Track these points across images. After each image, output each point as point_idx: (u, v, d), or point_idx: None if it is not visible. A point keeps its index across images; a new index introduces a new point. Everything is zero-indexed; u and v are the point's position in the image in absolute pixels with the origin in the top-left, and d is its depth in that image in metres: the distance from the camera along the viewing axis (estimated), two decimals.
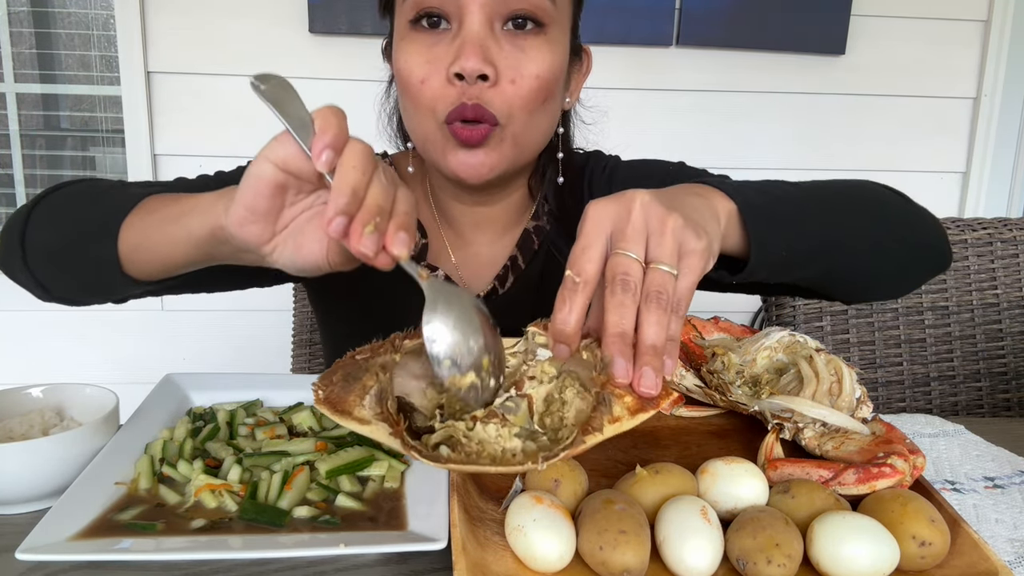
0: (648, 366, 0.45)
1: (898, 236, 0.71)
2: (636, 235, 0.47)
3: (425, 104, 0.71)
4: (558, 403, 0.51)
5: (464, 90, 0.68)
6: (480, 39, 0.67)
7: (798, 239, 0.62)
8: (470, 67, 0.66)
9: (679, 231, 0.48)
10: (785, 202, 0.63)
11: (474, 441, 0.48)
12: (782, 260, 0.61)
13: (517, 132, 0.72)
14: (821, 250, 0.65)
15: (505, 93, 0.69)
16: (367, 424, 0.46)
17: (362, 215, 0.45)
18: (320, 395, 0.48)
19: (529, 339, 0.55)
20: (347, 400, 0.47)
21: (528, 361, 0.54)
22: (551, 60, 0.71)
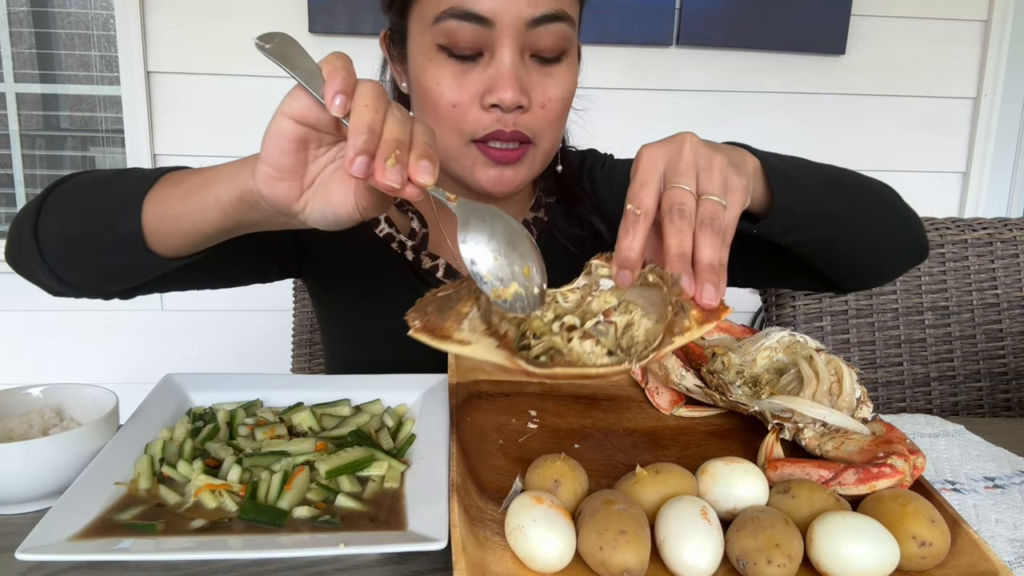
0: (708, 282, 0.50)
1: (890, 223, 0.78)
2: (688, 170, 0.52)
3: (453, 125, 0.74)
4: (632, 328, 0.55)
5: (500, 118, 0.72)
6: (515, 71, 0.71)
7: (808, 201, 0.67)
8: (508, 99, 0.70)
9: (724, 168, 0.53)
10: (800, 169, 0.69)
11: (572, 354, 0.52)
12: (794, 216, 0.66)
13: (547, 148, 0.78)
14: (826, 217, 0.70)
15: (536, 117, 0.74)
16: (468, 344, 0.49)
17: (383, 150, 0.47)
18: (418, 324, 0.50)
19: (592, 271, 0.58)
20: (445, 326, 0.50)
21: (592, 292, 0.57)
22: (572, 81, 0.77)
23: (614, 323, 0.54)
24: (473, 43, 0.71)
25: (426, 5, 0.73)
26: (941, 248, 1.15)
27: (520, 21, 0.70)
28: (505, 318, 0.54)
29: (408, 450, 0.65)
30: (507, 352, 0.48)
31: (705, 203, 0.52)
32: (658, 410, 0.73)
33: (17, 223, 0.69)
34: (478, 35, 0.70)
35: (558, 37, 0.72)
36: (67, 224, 0.66)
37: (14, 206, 2.15)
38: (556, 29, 0.72)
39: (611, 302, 0.56)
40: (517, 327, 0.55)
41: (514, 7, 0.69)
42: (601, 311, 0.55)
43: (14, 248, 0.69)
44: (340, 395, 0.74)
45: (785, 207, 0.65)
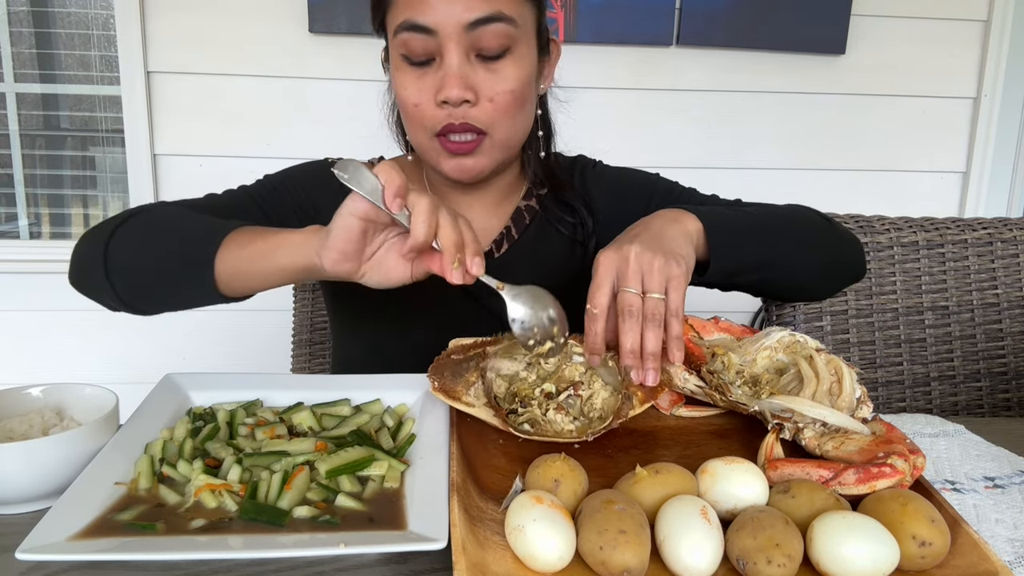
0: (651, 368, 0.66)
1: (821, 255, 0.91)
2: (634, 275, 0.66)
3: (418, 123, 0.85)
4: (593, 398, 0.71)
5: (451, 112, 0.82)
6: (459, 71, 0.80)
7: (746, 254, 0.82)
8: (454, 96, 0.80)
9: (663, 267, 0.67)
10: (737, 224, 0.82)
11: (546, 422, 0.68)
12: (733, 268, 0.81)
13: (502, 137, 0.85)
14: (761, 264, 0.84)
15: (486, 110, 0.82)
16: (473, 407, 0.67)
17: (447, 256, 0.62)
18: (436, 384, 0.69)
19: (567, 347, 0.74)
20: (456, 389, 0.69)
21: (566, 363, 0.74)
22: (520, 73, 0.83)
23: (580, 396, 0.70)
24: (424, 50, 0.81)
25: (391, 20, 0.83)
26: (941, 248, 1.15)
27: (459, 26, 0.78)
28: (501, 385, 0.73)
29: (408, 450, 0.65)
30: (501, 420, 0.66)
31: (648, 301, 0.66)
32: (658, 410, 0.73)
33: (85, 249, 0.78)
34: (427, 43, 0.80)
35: (498, 36, 0.80)
36: (139, 258, 0.76)
37: (14, 206, 2.15)
38: (495, 29, 0.79)
39: (580, 370, 0.74)
40: (508, 386, 0.72)
41: (452, 15, 0.78)
42: (572, 381, 0.72)
43: (80, 270, 0.79)
44: (340, 395, 0.74)
45: (724, 263, 0.78)
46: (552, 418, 0.68)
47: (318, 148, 2.00)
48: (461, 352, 0.75)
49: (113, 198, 2.19)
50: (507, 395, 0.71)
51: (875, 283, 1.13)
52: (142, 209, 0.82)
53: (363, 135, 1.95)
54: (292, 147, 2.01)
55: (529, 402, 0.70)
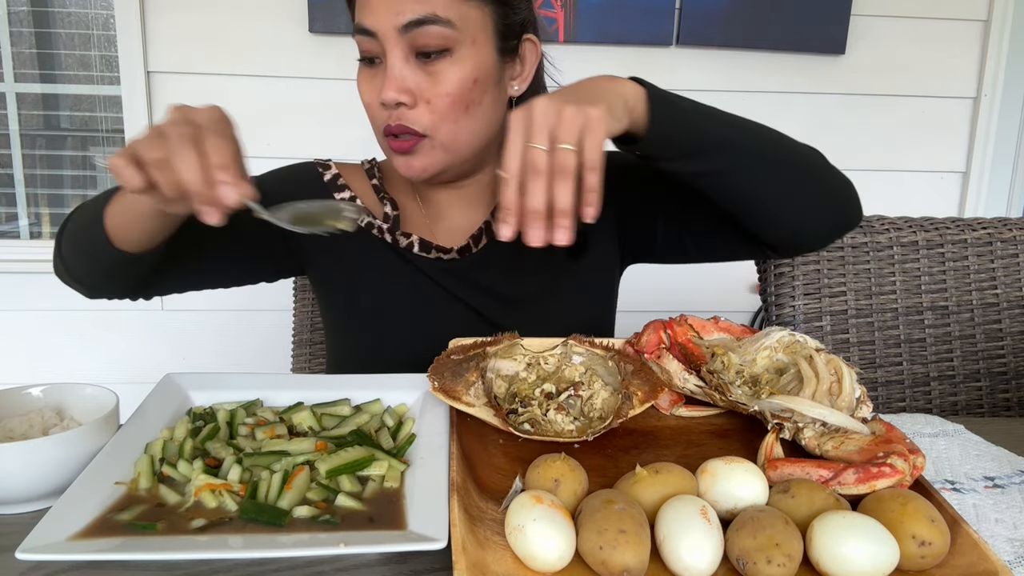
0: (561, 226, 0.61)
1: (802, 174, 0.81)
2: (540, 129, 0.61)
3: (372, 121, 0.87)
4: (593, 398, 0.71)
5: (390, 114, 0.83)
6: (396, 74, 0.81)
7: (696, 130, 0.74)
8: (388, 98, 0.81)
9: (574, 114, 0.61)
10: (698, 105, 0.76)
11: (546, 422, 0.67)
12: (678, 139, 0.73)
13: (446, 140, 0.85)
14: (719, 145, 0.75)
15: (423, 112, 0.83)
16: (473, 407, 0.67)
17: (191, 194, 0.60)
18: (436, 384, 0.68)
19: (567, 346, 0.75)
20: (456, 389, 0.68)
21: (565, 363, 0.74)
22: (459, 77, 0.83)
23: (580, 396, 0.70)
24: (371, 52, 0.83)
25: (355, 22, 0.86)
26: (941, 248, 1.15)
27: (394, 29, 0.79)
28: (502, 385, 0.73)
29: (408, 450, 0.65)
30: (501, 420, 0.65)
31: (557, 154, 0.61)
32: (658, 410, 0.73)
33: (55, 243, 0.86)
34: (372, 44, 0.82)
35: (434, 38, 0.80)
36: (71, 238, 0.82)
37: (14, 206, 2.15)
38: (430, 31, 0.80)
39: (580, 371, 0.74)
40: (508, 386, 0.72)
41: (387, 18, 0.79)
42: (572, 381, 0.72)
43: (54, 263, 0.86)
44: (340, 395, 0.74)
45: (665, 132, 0.72)
46: (552, 418, 0.68)
47: (318, 148, 2.00)
48: (461, 352, 0.75)
49: None
50: (507, 395, 0.71)
51: (875, 283, 1.13)
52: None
53: (362, 135, 1.95)
54: (292, 147, 2.01)
55: (529, 402, 0.70)
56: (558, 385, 0.72)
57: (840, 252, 1.12)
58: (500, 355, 0.74)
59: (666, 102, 0.72)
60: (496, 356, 0.74)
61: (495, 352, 0.74)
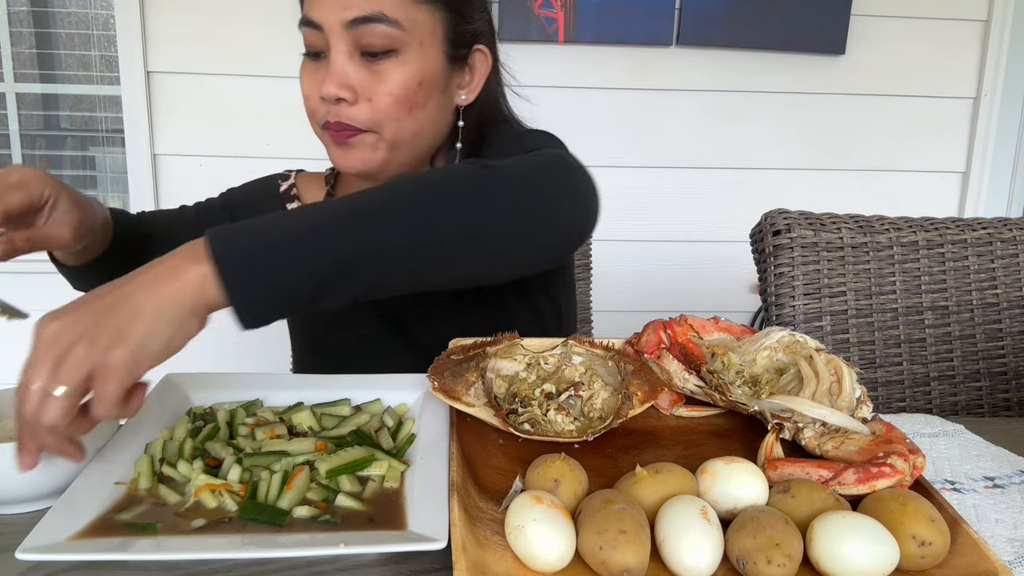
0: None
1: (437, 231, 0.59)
2: (38, 364, 0.51)
3: (310, 114, 0.86)
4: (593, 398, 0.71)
5: (329, 109, 0.83)
6: (339, 69, 0.80)
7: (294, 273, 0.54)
8: (329, 92, 0.80)
9: (80, 358, 0.50)
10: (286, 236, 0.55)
11: (546, 422, 0.67)
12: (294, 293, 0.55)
13: (391, 137, 0.84)
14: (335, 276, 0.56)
15: (363, 110, 0.82)
16: (473, 407, 0.67)
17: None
18: (436, 384, 0.68)
19: (567, 347, 0.76)
20: (456, 389, 0.68)
21: (565, 363, 0.74)
22: (404, 78, 0.82)
23: (581, 396, 0.70)
24: (316, 45, 0.83)
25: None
26: (941, 248, 1.15)
27: (340, 24, 0.79)
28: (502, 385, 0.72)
29: (408, 450, 0.65)
30: (501, 420, 0.65)
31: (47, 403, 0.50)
32: (658, 410, 0.73)
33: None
34: (317, 38, 0.81)
35: (380, 36, 0.80)
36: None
37: None
38: (376, 29, 0.79)
39: (580, 371, 0.73)
40: (508, 387, 0.72)
41: (332, 13, 0.79)
42: (572, 382, 0.72)
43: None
44: (340, 395, 0.74)
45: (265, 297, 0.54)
46: (552, 418, 0.68)
47: (317, 148, 2.00)
48: (461, 352, 0.75)
49: (113, 198, 2.19)
50: (507, 395, 0.71)
51: (875, 283, 1.13)
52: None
53: None
54: (292, 147, 2.01)
55: (529, 402, 0.70)
56: (558, 385, 0.72)
57: (840, 252, 1.12)
58: (500, 355, 0.74)
59: (250, 267, 0.53)
60: (496, 356, 0.74)
61: (495, 352, 0.75)
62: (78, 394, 0.51)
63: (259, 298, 0.54)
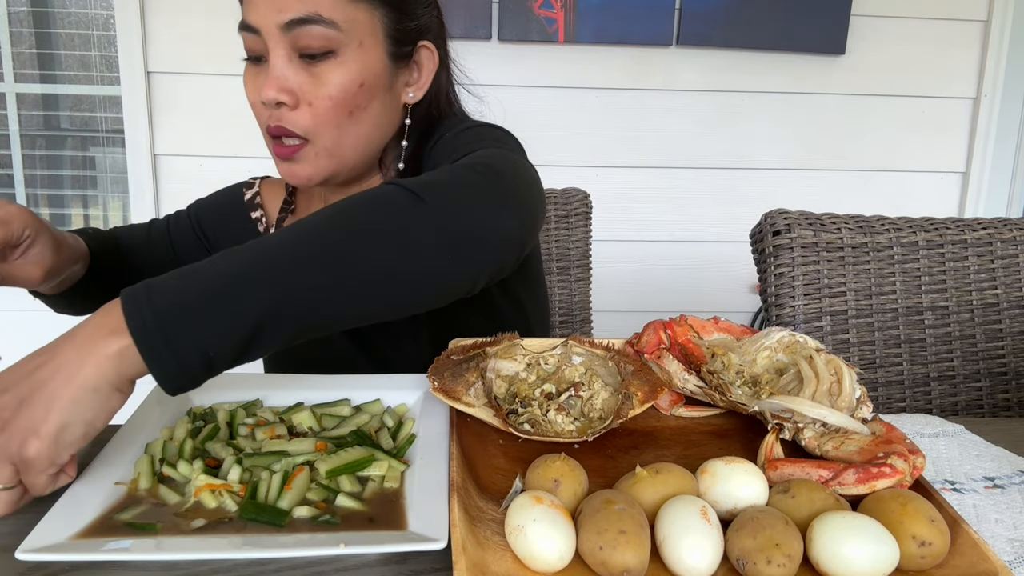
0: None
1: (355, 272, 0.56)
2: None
3: (258, 120, 0.85)
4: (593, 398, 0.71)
5: (271, 114, 0.81)
6: (279, 72, 0.79)
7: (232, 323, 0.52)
8: (268, 97, 0.79)
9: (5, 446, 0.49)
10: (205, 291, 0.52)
11: (546, 422, 0.67)
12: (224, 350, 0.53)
13: (329, 145, 0.82)
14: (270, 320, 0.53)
15: (304, 115, 0.80)
16: (473, 407, 0.66)
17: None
18: (436, 385, 0.67)
19: (567, 347, 0.76)
20: (456, 390, 0.68)
21: (565, 363, 0.74)
22: (343, 80, 0.80)
23: (581, 397, 0.70)
24: (255, 49, 0.81)
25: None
26: (941, 248, 1.15)
27: (275, 27, 0.78)
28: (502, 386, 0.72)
29: (408, 450, 0.65)
30: (501, 420, 0.65)
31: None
32: (658, 410, 0.73)
33: None
34: (256, 42, 0.80)
35: (316, 38, 0.78)
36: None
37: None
38: (312, 31, 0.78)
39: (580, 371, 0.74)
40: (508, 387, 0.72)
41: (269, 16, 0.78)
42: (572, 382, 0.72)
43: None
44: (340, 395, 0.74)
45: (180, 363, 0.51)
46: (552, 419, 0.68)
47: None
48: (461, 353, 0.75)
49: (113, 198, 2.19)
50: (507, 395, 0.71)
51: (875, 283, 1.13)
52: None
53: None
54: None
55: (529, 402, 0.70)
56: (558, 385, 0.72)
57: (840, 252, 1.13)
58: (500, 355, 0.74)
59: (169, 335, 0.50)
60: (496, 356, 0.74)
61: (495, 352, 0.75)
62: (15, 481, 0.51)
63: (186, 364, 0.51)
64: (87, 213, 2.20)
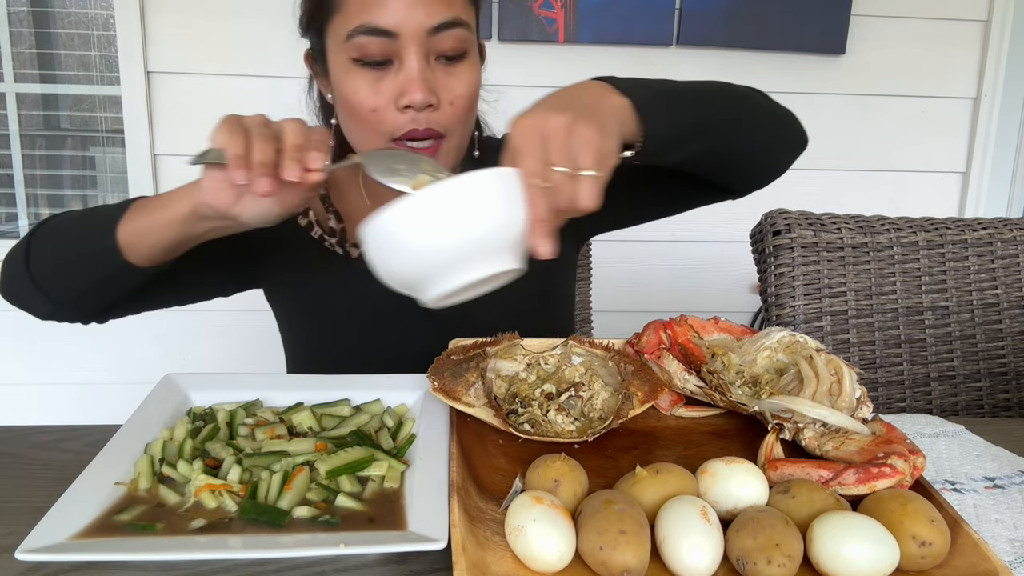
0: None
1: (758, 118, 0.87)
2: (559, 150, 0.58)
3: (374, 128, 0.82)
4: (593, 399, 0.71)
5: (414, 117, 0.80)
6: (422, 75, 0.79)
7: (680, 122, 0.74)
8: (419, 100, 0.79)
9: (597, 142, 0.59)
10: (666, 93, 0.76)
11: (546, 422, 0.67)
12: (668, 138, 0.73)
13: (458, 141, 0.85)
14: (699, 131, 0.77)
15: (446, 114, 0.82)
16: (473, 407, 0.67)
17: (285, 155, 0.63)
18: (436, 385, 0.68)
19: (567, 347, 0.76)
20: (456, 390, 0.68)
21: (565, 364, 0.74)
22: (474, 77, 0.84)
23: (581, 397, 0.70)
24: (382, 53, 0.79)
25: (338, 25, 0.80)
26: (941, 248, 1.15)
27: (421, 31, 0.78)
28: (502, 386, 0.72)
29: (408, 450, 0.65)
30: (501, 420, 0.65)
31: (581, 182, 0.58)
32: (658, 410, 0.73)
33: (8, 262, 0.83)
34: (386, 46, 0.79)
35: (457, 40, 0.80)
36: (55, 251, 0.80)
37: (14, 206, 2.15)
38: (454, 34, 0.80)
39: (580, 371, 0.74)
40: (508, 387, 0.72)
41: (415, 20, 0.77)
42: (572, 382, 0.72)
43: (9, 282, 0.84)
44: (340, 395, 0.74)
45: (657, 134, 0.70)
46: (552, 419, 0.68)
47: None
48: (461, 353, 0.75)
49: (113, 198, 2.19)
50: (507, 395, 0.71)
51: (875, 283, 1.13)
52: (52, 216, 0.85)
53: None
54: None
55: (529, 402, 0.70)
56: (558, 385, 0.72)
57: (840, 252, 1.12)
58: (500, 355, 0.74)
59: (650, 105, 0.69)
60: (496, 356, 0.74)
61: (495, 352, 0.75)
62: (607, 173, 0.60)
63: (662, 132, 0.70)
64: None
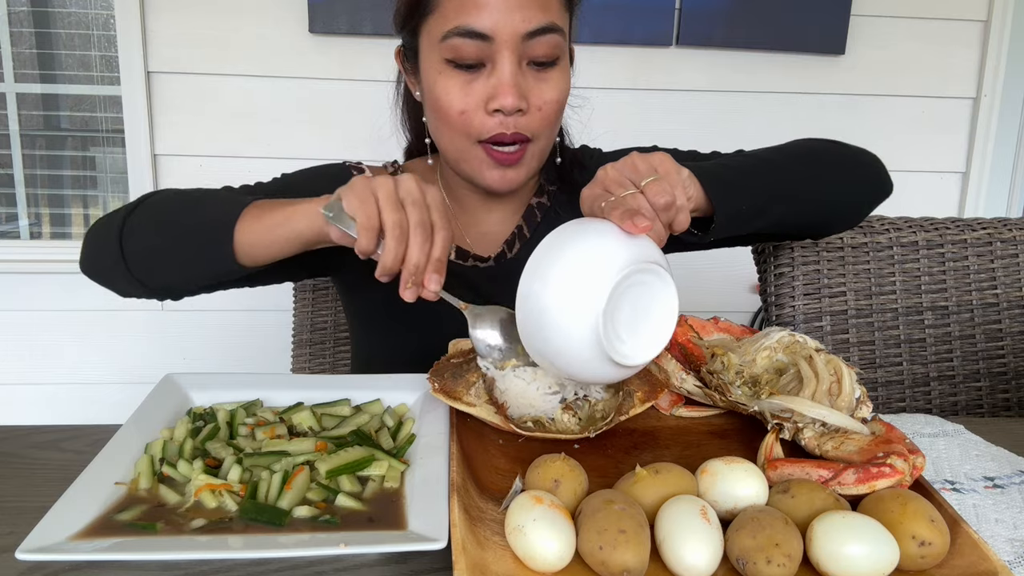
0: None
1: (835, 177, 0.89)
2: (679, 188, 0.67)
3: (461, 130, 0.83)
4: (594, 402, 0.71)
5: (503, 121, 0.81)
6: (514, 80, 0.79)
7: (751, 196, 0.79)
8: (509, 104, 0.79)
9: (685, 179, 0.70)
10: (732, 167, 0.80)
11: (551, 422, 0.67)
12: (740, 214, 0.78)
13: (544, 146, 0.86)
14: (771, 202, 0.82)
15: (535, 119, 0.82)
16: (474, 407, 0.67)
17: (405, 275, 0.64)
18: (436, 386, 0.68)
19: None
20: (457, 390, 0.69)
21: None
22: (565, 84, 0.84)
23: (589, 400, 0.70)
24: (476, 56, 0.79)
25: (434, 25, 0.81)
26: (941, 248, 1.15)
27: (516, 36, 0.78)
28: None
29: (408, 450, 0.65)
30: (503, 418, 0.65)
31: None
32: (658, 410, 0.73)
33: (100, 236, 0.80)
34: (480, 49, 0.79)
35: (551, 46, 0.80)
36: (159, 237, 0.78)
37: (14, 206, 2.15)
38: (549, 40, 0.80)
39: None
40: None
41: (511, 24, 0.78)
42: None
43: (95, 257, 0.81)
44: (340, 395, 0.74)
45: (727, 212, 0.75)
46: (559, 418, 0.68)
47: (318, 148, 2.00)
48: (461, 356, 0.75)
49: (113, 198, 2.19)
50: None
51: (875, 283, 1.13)
52: (153, 193, 0.83)
53: (363, 135, 1.94)
54: (292, 147, 2.01)
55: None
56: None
57: (840, 252, 1.13)
58: None
59: (715, 180, 0.75)
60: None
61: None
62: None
63: (732, 212, 0.76)
64: (87, 213, 2.20)
